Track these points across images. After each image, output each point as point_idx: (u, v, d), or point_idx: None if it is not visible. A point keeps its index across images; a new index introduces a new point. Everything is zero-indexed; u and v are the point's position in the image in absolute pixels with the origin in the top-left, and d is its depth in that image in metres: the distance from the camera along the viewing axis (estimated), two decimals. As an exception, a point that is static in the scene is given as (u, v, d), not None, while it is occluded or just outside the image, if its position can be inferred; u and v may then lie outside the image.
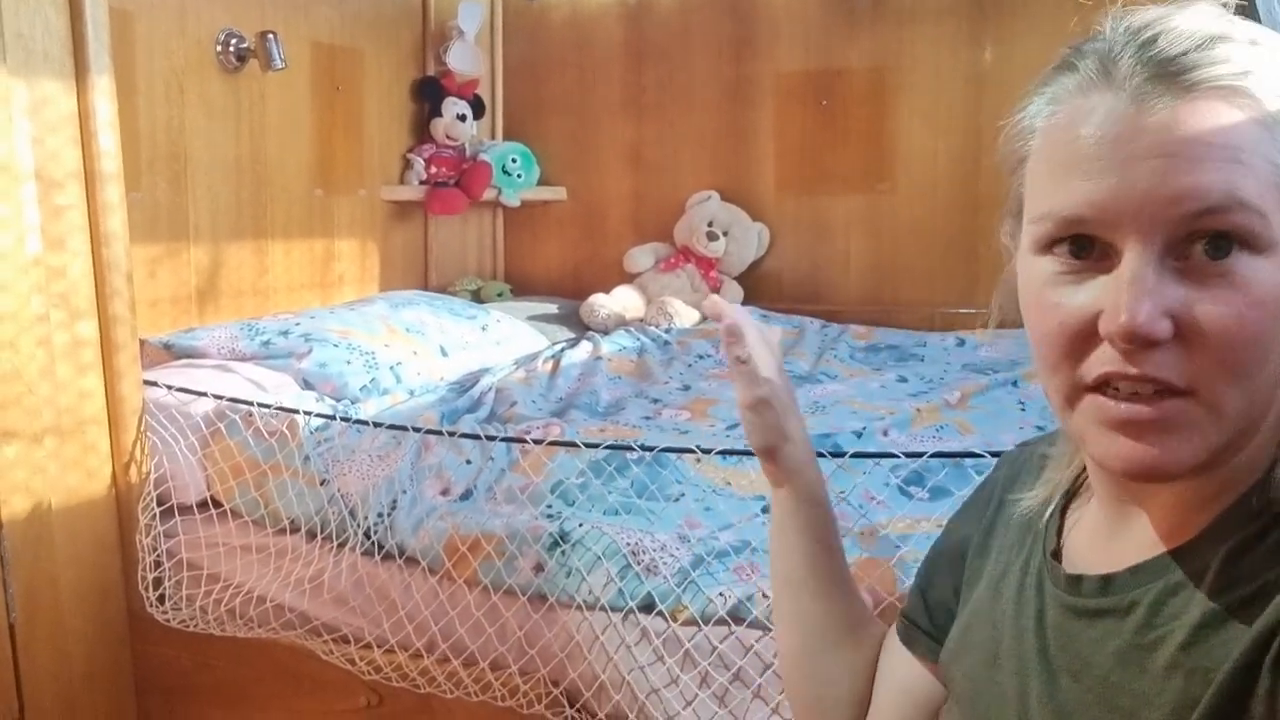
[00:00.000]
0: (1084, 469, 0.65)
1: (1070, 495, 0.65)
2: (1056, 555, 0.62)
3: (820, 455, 1.26)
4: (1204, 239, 0.48)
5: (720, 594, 1.19)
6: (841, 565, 0.82)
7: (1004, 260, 0.61)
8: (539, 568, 1.31)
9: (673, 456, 1.47)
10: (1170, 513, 0.55)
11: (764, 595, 1.16)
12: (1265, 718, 0.46)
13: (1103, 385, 0.51)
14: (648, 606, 1.22)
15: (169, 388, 1.65)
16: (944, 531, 0.77)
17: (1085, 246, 0.51)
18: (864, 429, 1.67)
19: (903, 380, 2.08)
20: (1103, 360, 0.50)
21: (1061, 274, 0.52)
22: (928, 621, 0.74)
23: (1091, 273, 0.51)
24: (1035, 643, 0.59)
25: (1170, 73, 0.49)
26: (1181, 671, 0.50)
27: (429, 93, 2.82)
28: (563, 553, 1.29)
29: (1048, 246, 0.53)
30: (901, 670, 0.75)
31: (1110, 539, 0.58)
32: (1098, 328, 0.50)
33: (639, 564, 1.25)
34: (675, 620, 1.20)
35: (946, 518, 0.78)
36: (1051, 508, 0.64)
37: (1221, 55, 0.50)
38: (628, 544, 1.27)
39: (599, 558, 1.27)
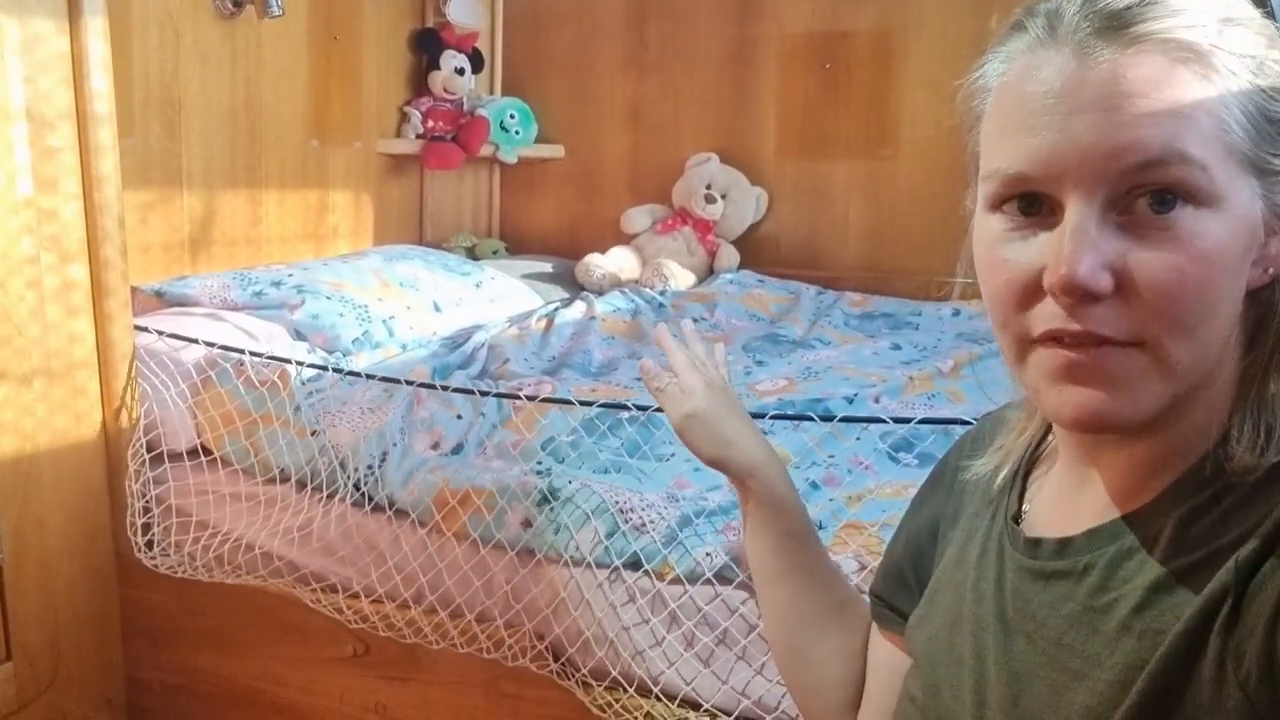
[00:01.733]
0: (1042, 436, 0.66)
1: (1033, 460, 0.65)
2: (1018, 519, 0.62)
3: (809, 419, 1.28)
4: (1147, 193, 0.48)
5: (707, 554, 1.19)
6: (815, 555, 0.82)
7: (967, 227, 0.62)
8: (527, 523, 1.31)
9: (664, 417, 1.46)
10: (1125, 476, 0.55)
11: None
12: (1214, 680, 0.46)
13: (1049, 340, 0.51)
14: (634, 564, 1.23)
15: (160, 333, 1.64)
16: (910, 507, 0.77)
17: (1032, 203, 0.52)
18: (855, 395, 1.67)
19: (896, 348, 2.08)
20: (1047, 317, 0.51)
21: (1010, 231, 0.53)
22: (893, 596, 0.74)
23: (1038, 229, 0.52)
24: (994, 605, 0.60)
25: (1114, 26, 0.49)
26: (1133, 634, 0.50)
27: (427, 45, 2.77)
28: (552, 509, 1.30)
29: (998, 204, 0.54)
30: (882, 648, 0.76)
31: (1070, 503, 0.59)
32: (1043, 284, 0.51)
33: (627, 522, 1.25)
34: (661, 579, 1.21)
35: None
36: (1005, 473, 0.65)
37: (1166, 9, 0.49)
38: (617, 502, 1.27)
39: (588, 515, 1.27)
